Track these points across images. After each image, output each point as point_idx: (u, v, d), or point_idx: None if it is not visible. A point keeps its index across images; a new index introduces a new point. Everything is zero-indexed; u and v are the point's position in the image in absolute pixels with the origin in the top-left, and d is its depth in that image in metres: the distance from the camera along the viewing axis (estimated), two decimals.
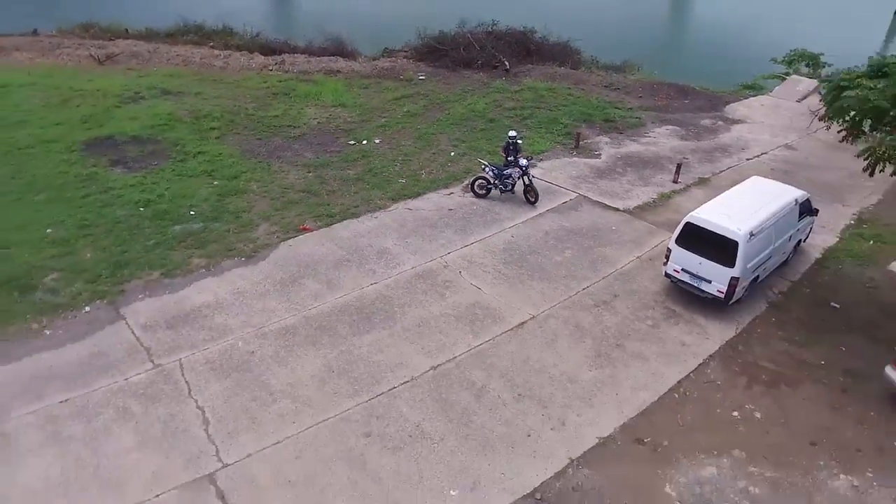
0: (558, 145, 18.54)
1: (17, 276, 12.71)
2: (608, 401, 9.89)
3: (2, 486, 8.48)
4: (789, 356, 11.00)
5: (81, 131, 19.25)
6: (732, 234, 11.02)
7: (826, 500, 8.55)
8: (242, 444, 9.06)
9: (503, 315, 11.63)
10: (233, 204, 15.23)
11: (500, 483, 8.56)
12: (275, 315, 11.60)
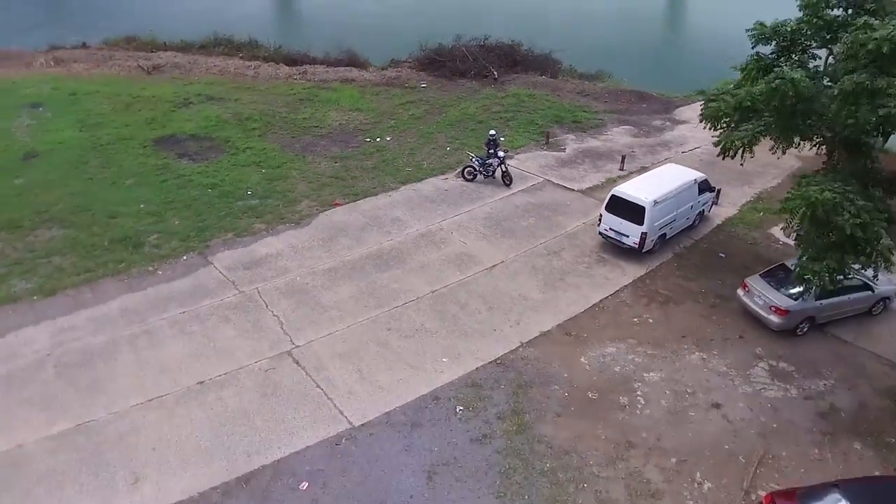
0: (532, 141, 23.71)
1: (128, 237, 17.89)
2: (549, 311, 15.00)
3: (156, 357, 13.61)
4: (680, 286, 16.11)
5: (148, 131, 24.46)
6: (641, 202, 16.13)
7: (683, 365, 13.65)
8: (307, 335, 14.19)
9: (481, 260, 16.77)
10: (279, 186, 20.39)
11: (475, 355, 13.68)
12: (320, 261, 16.74)
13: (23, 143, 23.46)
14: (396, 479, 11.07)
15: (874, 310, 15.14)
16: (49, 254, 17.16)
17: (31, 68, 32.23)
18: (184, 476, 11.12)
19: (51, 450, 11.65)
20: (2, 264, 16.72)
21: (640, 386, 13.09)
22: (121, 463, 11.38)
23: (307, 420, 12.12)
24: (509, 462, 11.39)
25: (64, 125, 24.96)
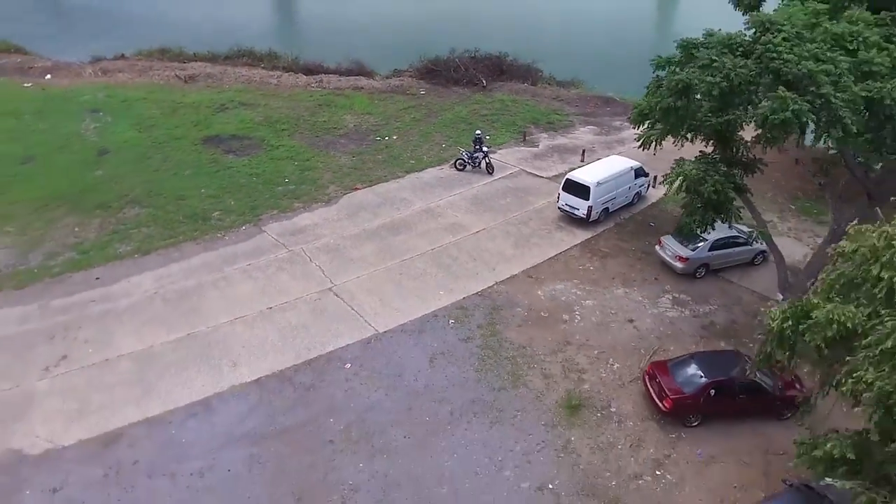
0: (512, 139, 29.82)
1: (197, 213, 23.89)
2: (518, 262, 21.07)
3: (234, 293, 19.58)
4: (617, 246, 22.20)
5: (196, 131, 30.47)
6: (587, 182, 22.21)
7: (611, 296, 19.72)
8: (341, 278, 20.20)
9: (468, 227, 22.84)
10: (309, 175, 26.43)
11: (463, 290, 19.72)
12: (347, 229, 22.78)
13: (94, 143, 29.50)
14: (408, 361, 17.11)
15: (756, 260, 21.23)
16: (138, 226, 23.19)
17: (81, 78, 38.23)
18: (266, 361, 17.13)
19: (172, 349, 17.64)
20: (105, 233, 22.75)
21: (578, 308, 19.16)
22: (222, 355, 17.37)
23: (346, 329, 18.14)
24: (484, 352, 17.44)
25: (123, 127, 30.98)
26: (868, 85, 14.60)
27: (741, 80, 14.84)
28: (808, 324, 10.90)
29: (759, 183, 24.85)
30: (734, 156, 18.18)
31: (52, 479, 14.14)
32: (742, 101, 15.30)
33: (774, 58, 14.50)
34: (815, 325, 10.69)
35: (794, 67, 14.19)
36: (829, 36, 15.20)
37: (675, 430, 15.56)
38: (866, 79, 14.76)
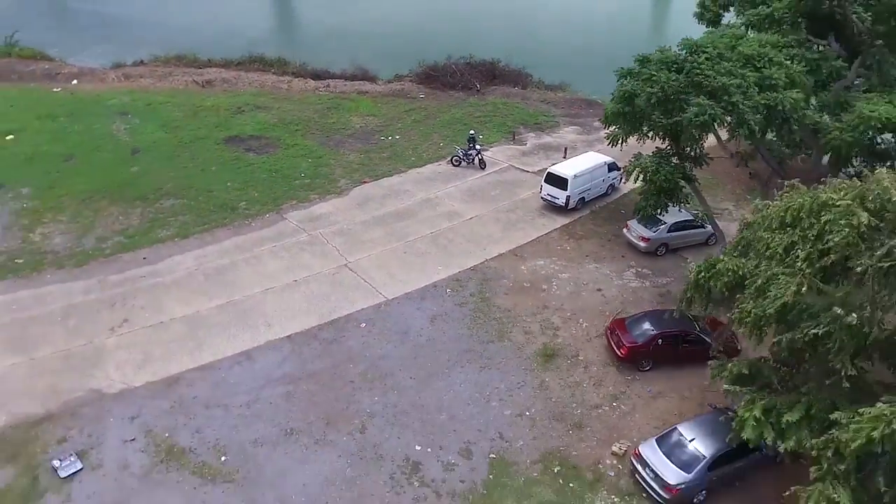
0: (503, 138, 33.81)
1: (225, 203, 27.81)
2: (505, 243, 25.05)
3: (263, 269, 23.50)
4: (591, 230, 26.19)
5: (217, 132, 34.36)
6: (565, 175, 26.20)
7: (583, 271, 23.69)
8: (355, 256, 24.15)
9: (463, 215, 26.81)
10: (323, 170, 30.37)
11: (459, 265, 23.69)
12: (357, 216, 26.72)
13: (126, 142, 33.39)
14: (413, 321, 21.05)
15: (710, 241, 25.18)
16: (174, 214, 27.09)
17: (105, 83, 42.12)
18: (295, 322, 21.04)
19: (215, 313, 21.54)
20: (146, 221, 26.64)
21: (555, 280, 23.13)
22: (258, 318, 21.29)
23: (360, 296, 22.09)
24: (475, 314, 21.41)
25: (151, 128, 34.88)
26: (768, 95, 18.64)
27: (673, 91, 18.90)
28: (712, 273, 14.88)
29: (721, 176, 29.12)
30: (684, 151, 22.17)
31: (129, 409, 18.02)
32: (674, 108, 19.31)
33: (698, 73, 18.56)
34: (717, 273, 14.70)
35: (712, 81, 18.25)
36: (742, 56, 19.26)
37: (630, 373, 19.52)
38: (768, 90, 18.80)
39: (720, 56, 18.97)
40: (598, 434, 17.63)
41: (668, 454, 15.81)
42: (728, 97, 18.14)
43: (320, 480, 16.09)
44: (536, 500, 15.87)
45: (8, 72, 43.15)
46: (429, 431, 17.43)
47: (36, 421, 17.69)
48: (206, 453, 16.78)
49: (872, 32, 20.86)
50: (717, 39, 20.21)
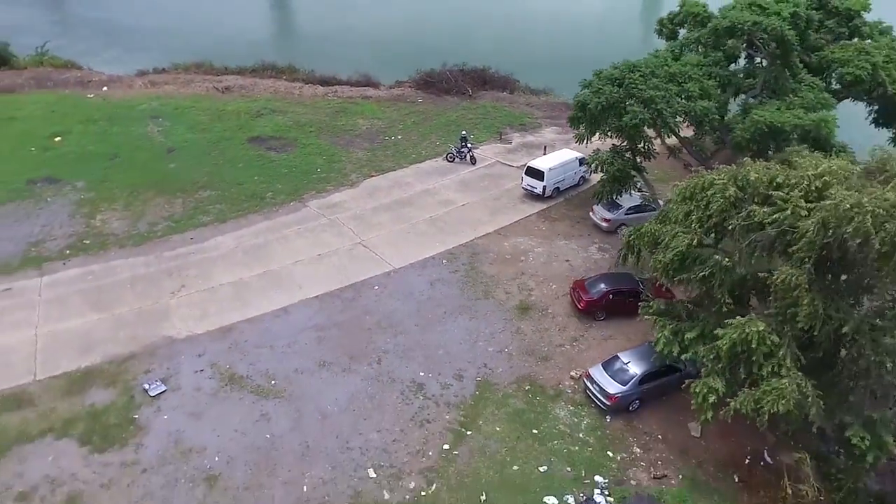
0: (491, 138, 39.75)
1: (254, 194, 33.65)
2: (491, 224, 30.99)
3: (292, 246, 29.34)
4: (563, 213, 32.13)
5: (241, 133, 40.18)
6: (542, 168, 32.16)
7: (555, 246, 29.60)
8: (367, 235, 30.04)
9: (456, 202, 32.73)
10: (336, 166, 36.24)
11: (453, 242, 29.61)
12: (367, 204, 32.61)
13: (161, 142, 39.16)
14: (416, 285, 26.91)
15: None
16: (211, 203, 32.87)
17: (133, 90, 47.90)
18: (321, 286, 26.86)
19: (256, 280, 27.34)
20: (188, 209, 32.40)
21: (531, 253, 29.02)
22: (290, 283, 27.09)
23: (372, 266, 27.91)
24: (466, 279, 27.28)
25: (182, 130, 40.66)
26: (686, 104, 24.60)
27: (614, 100, 24.88)
28: (639, 236, 20.78)
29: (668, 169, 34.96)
30: (635, 147, 28.12)
31: (195, 349, 23.78)
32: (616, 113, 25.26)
33: (633, 87, 24.50)
34: (641, 236, 20.60)
35: (643, 93, 24.19)
36: (668, 74, 25.21)
37: (588, 322, 25.38)
38: (687, 100, 24.74)
39: (652, 73, 24.95)
40: (560, 364, 23.48)
41: (609, 373, 21.65)
42: (655, 105, 24.10)
43: (348, 396, 21.88)
44: (511, 408, 21.69)
45: (45, 80, 48.87)
46: (430, 362, 23.25)
47: (124, 359, 23.44)
48: (259, 379, 22.56)
49: (772, 55, 26.96)
50: (650, 60, 26.19)
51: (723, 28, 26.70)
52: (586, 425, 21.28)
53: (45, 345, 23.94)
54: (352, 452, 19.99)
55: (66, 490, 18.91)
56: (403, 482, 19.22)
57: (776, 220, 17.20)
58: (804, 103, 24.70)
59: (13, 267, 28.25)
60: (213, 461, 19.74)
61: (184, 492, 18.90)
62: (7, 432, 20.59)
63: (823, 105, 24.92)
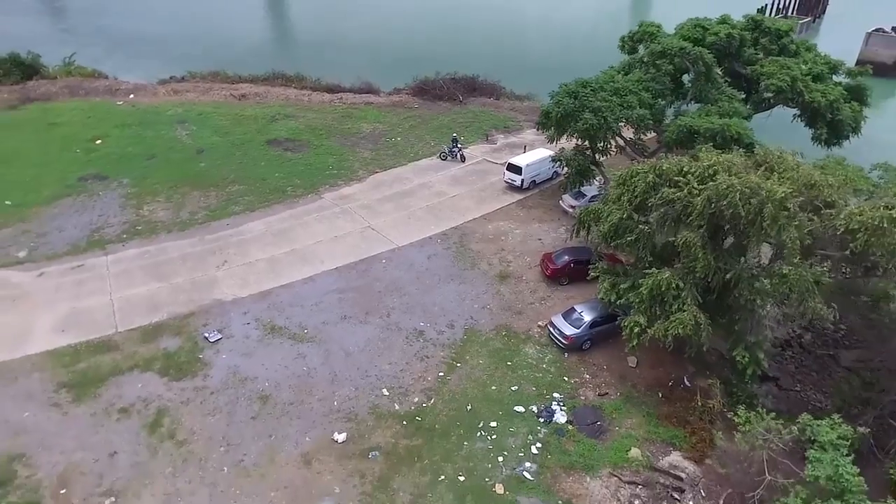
0: (479, 139, 47.14)
1: (277, 188, 40.97)
2: (478, 212, 38.41)
3: (312, 230, 36.57)
4: (538, 202, 39.53)
5: (259, 136, 47.43)
6: (521, 164, 39.64)
7: (530, 228, 36.93)
8: (374, 221, 37.35)
9: (448, 194, 40.14)
10: (345, 164, 43.54)
11: (446, 226, 36.99)
12: (374, 196, 39.95)
13: (191, 144, 46.33)
14: (416, 258, 34.21)
15: None
16: (241, 196, 40.05)
17: (158, 97, 55.09)
18: (339, 260, 34.11)
19: (285, 256, 34.56)
20: (221, 200, 39.57)
21: (510, 234, 36.37)
22: (313, 258, 34.32)
23: (380, 245, 35.19)
24: (457, 254, 34.63)
25: (207, 133, 47.85)
26: (625, 111, 32.05)
27: (570, 110, 32.32)
28: (589, 214, 28.14)
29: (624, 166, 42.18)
30: (594, 146, 35.51)
31: (241, 308, 30.89)
32: (573, 119, 32.69)
33: (585, 99, 31.94)
34: (588, 213, 27.96)
35: (592, 103, 31.63)
36: (613, 88, 32.66)
37: (554, 286, 32.66)
38: (626, 109, 32.18)
39: (601, 88, 32.39)
40: (531, 317, 30.74)
41: (567, 321, 28.89)
42: (601, 113, 31.54)
43: (365, 340, 29.06)
44: (491, 347, 28.93)
45: (77, 88, 56.03)
46: (427, 316, 30.46)
47: (185, 316, 30.52)
48: (295, 329, 29.69)
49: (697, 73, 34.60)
50: (600, 77, 33.69)
51: (657, 52, 34.32)
52: (548, 359, 28.53)
53: (120, 306, 31.00)
54: (369, 378, 27.17)
55: (155, 406, 25.96)
56: (409, 398, 26.40)
57: (679, 198, 24.49)
58: (720, 111, 32.22)
59: (81, 248, 35.31)
60: (264, 386, 26.85)
61: (244, 407, 25.99)
62: (103, 368, 27.64)
63: (735, 113, 32.38)
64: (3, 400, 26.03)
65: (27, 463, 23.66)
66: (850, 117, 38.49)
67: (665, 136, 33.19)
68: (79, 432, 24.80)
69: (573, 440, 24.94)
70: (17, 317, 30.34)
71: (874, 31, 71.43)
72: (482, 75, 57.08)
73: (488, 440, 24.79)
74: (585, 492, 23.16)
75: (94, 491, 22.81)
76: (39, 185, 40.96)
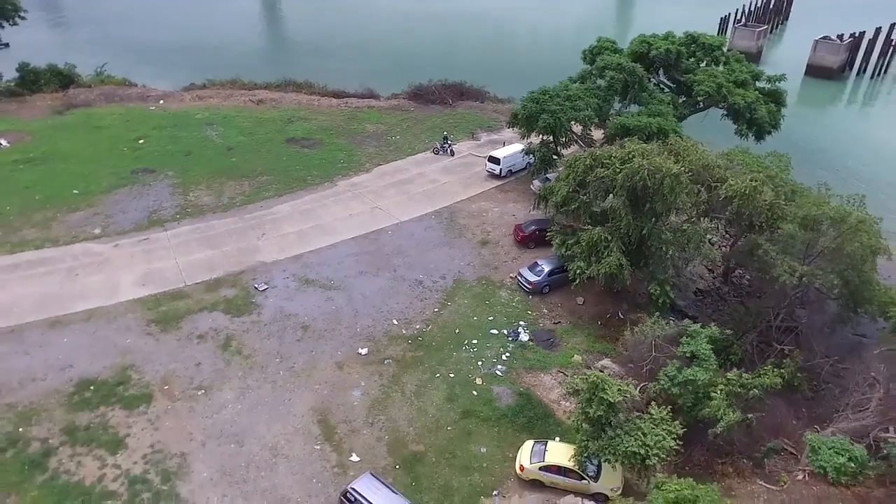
0: (465, 137, 58.55)
1: (298, 178, 52.31)
2: (464, 195, 49.74)
3: (330, 210, 47.71)
4: (514, 187, 50.94)
5: (279, 136, 58.70)
6: (499, 156, 51.17)
7: (506, 207, 48.17)
8: (381, 202, 48.65)
9: (440, 182, 51.50)
10: (354, 158, 54.84)
11: (439, 206, 48.29)
12: (379, 183, 51.26)
13: (221, 143, 57.43)
14: (415, 230, 45.48)
15: None
16: (269, 184, 51.17)
17: (184, 102, 66.22)
18: (354, 231, 45.35)
19: (310, 230, 45.76)
20: (252, 188, 50.70)
21: (490, 212, 47.69)
22: (334, 231, 45.51)
23: (386, 221, 46.44)
24: (448, 226, 45.92)
25: (234, 134, 58.96)
26: (575, 113, 43.45)
27: (532, 112, 43.65)
28: (546, 189, 39.39)
29: None
30: (556, 140, 46.82)
31: (281, 267, 41.86)
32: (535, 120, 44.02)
33: (544, 104, 43.26)
34: (545, 190, 39.24)
35: (549, 107, 42.97)
36: (566, 95, 44.02)
37: (523, 249, 43.86)
38: (575, 111, 43.56)
39: (557, 95, 43.73)
40: (504, 271, 41.89)
41: (531, 271, 40.04)
42: (556, 114, 42.87)
43: (378, 288, 40.08)
44: (474, 292, 40.05)
45: (112, 95, 67.05)
46: (425, 271, 41.55)
47: (237, 273, 41.41)
48: (323, 281, 40.64)
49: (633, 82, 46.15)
50: (557, 87, 45.06)
51: (601, 66, 45.83)
52: (517, 300, 39.65)
53: (184, 267, 41.85)
54: (383, 313, 38.17)
55: (224, 333, 36.78)
56: (413, 326, 37.38)
57: (607, 175, 35.66)
58: (650, 112, 43.53)
59: (144, 226, 46.17)
60: (304, 319, 37.74)
61: (290, 333, 36.84)
62: (179, 309, 38.44)
63: (661, 113, 43.69)
64: (109, 332, 36.81)
65: (136, 371, 34.41)
66: (766, 116, 49.79)
67: (608, 131, 44.43)
68: (170, 351, 35.58)
69: (532, 351, 36.01)
70: (106, 276, 41.14)
71: (821, 39, 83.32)
72: (469, 81, 68.54)
73: (471, 352, 35.80)
74: (539, 382, 34.18)
75: (188, 387, 33.56)
76: (98, 177, 51.85)
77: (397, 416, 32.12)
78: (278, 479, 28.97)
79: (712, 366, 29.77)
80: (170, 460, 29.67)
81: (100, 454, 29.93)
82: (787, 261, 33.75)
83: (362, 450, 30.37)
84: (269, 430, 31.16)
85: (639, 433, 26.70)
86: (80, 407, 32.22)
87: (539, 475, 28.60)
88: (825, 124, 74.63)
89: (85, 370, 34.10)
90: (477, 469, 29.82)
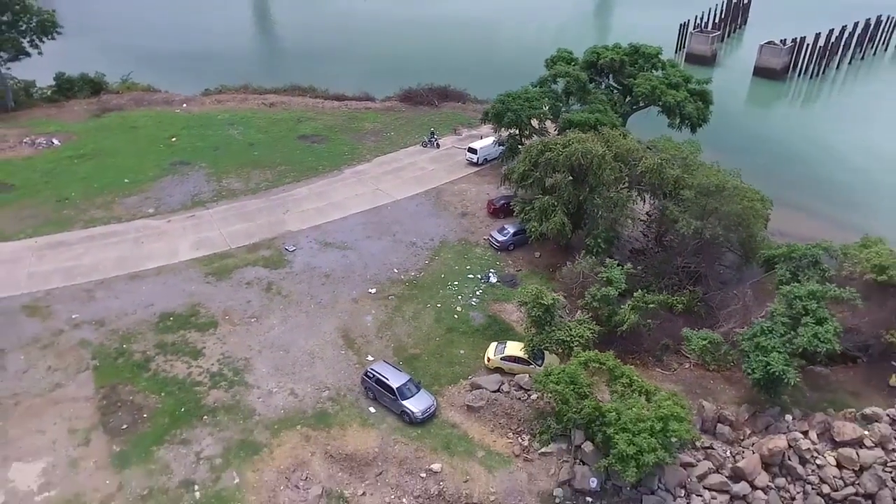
0: (449, 132, 74.07)
1: (311, 168, 67.73)
2: (448, 180, 65.23)
3: (340, 190, 62.95)
4: (490, 172, 66.44)
5: (291, 134, 74.11)
6: (477, 147, 66.82)
7: (482, 188, 63.49)
8: (382, 185, 63.97)
9: (427, 169, 67.01)
10: (356, 151, 70.31)
11: (427, 187, 63.67)
12: (378, 170, 66.74)
13: (243, 140, 72.62)
14: (410, 206, 60.78)
15: None
16: (287, 173, 66.47)
17: (205, 105, 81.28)
18: (361, 207, 60.74)
19: (325, 206, 60.98)
20: (274, 176, 65.95)
21: (469, 191, 63.16)
22: (345, 206, 60.81)
23: (385, 200, 61.87)
24: (435, 202, 61.34)
25: (253, 132, 74.14)
26: (532, 111, 58.81)
27: (498, 111, 59.11)
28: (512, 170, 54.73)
29: None
30: (521, 132, 62.19)
31: (304, 234, 56.90)
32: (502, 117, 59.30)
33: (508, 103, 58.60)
34: (508, 171, 54.65)
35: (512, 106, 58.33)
36: (526, 97, 59.34)
37: (495, 219, 59.13)
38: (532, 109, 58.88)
39: (518, 97, 59.00)
40: (479, 235, 57.18)
41: (500, 233, 55.32)
42: (518, 113, 58.13)
43: (382, 248, 55.19)
44: (455, 250, 55.21)
45: (140, 100, 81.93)
46: (418, 234, 56.74)
47: (270, 239, 56.34)
48: (339, 244, 55.68)
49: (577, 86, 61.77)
50: (519, 91, 60.35)
51: (552, 74, 61.36)
52: (489, 255, 54.86)
53: (228, 235, 56.64)
54: (386, 265, 53.21)
55: (266, 281, 51.58)
56: (409, 273, 52.43)
57: (552, 157, 50.84)
58: (591, 109, 58.96)
59: (189, 206, 60.96)
60: (325, 270, 52.64)
61: (316, 280, 51.69)
62: (229, 265, 53.23)
63: (600, 111, 59.00)
64: (177, 281, 51.50)
65: (202, 307, 49.11)
66: (694, 112, 65.20)
67: (559, 124, 59.77)
68: (226, 293, 50.32)
69: (499, 289, 51.15)
70: (165, 244, 55.86)
71: (765, 44, 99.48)
72: (453, 84, 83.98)
73: (453, 290, 50.86)
74: (503, 309, 49.27)
75: (243, 316, 48.28)
76: (143, 168, 66.58)
77: (399, 332, 47.03)
78: (316, 371, 43.77)
79: (621, 287, 44.84)
80: (237, 362, 44.36)
81: (186, 360, 44.53)
82: (685, 217, 49.01)
83: (375, 353, 45.24)
84: (306, 342, 45.94)
85: (567, 328, 41.74)
86: (165, 331, 46.82)
87: (500, 363, 43.54)
88: (770, 117, 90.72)
89: (164, 307, 48.71)
90: (457, 363, 44.79)
